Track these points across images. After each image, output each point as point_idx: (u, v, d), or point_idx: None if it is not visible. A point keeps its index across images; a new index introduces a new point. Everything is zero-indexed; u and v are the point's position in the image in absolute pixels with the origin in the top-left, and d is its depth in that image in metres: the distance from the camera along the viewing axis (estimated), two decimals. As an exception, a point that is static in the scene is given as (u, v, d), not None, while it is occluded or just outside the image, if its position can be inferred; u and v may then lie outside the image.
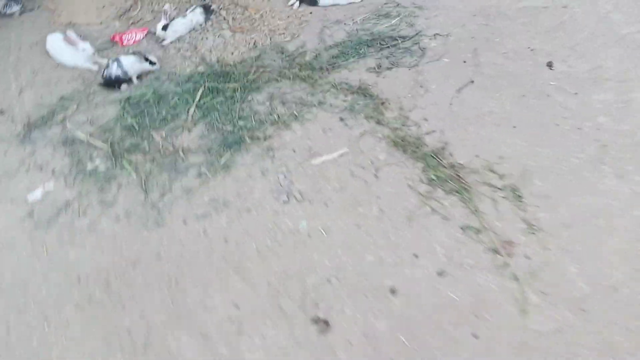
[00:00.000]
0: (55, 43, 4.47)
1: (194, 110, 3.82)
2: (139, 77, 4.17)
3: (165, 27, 4.42)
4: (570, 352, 2.38)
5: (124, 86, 4.10)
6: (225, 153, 3.47)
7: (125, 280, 2.85)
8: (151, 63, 4.16)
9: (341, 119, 3.62)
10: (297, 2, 4.74)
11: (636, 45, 3.78)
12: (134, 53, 4.12)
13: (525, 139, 3.26)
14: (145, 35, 4.60)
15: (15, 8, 5.02)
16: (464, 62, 3.94)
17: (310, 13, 4.67)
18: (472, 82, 3.73)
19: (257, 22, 4.65)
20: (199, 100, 3.88)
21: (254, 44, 4.43)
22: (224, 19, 4.73)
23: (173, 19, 4.47)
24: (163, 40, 4.50)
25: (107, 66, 4.07)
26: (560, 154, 3.15)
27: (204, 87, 3.97)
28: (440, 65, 3.94)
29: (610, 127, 3.26)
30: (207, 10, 4.75)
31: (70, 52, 4.33)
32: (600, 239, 2.72)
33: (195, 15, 4.65)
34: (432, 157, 3.23)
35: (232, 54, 4.37)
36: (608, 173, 3.01)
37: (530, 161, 3.13)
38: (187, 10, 4.70)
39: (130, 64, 4.10)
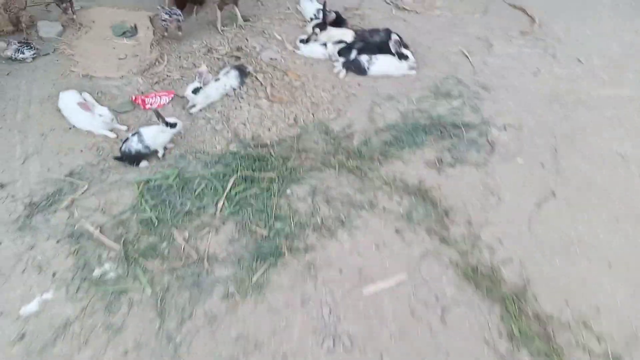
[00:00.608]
0: (69, 103, 3.98)
1: (224, 203, 3.28)
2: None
3: (196, 91, 3.91)
4: None
5: (144, 163, 3.59)
6: (258, 267, 2.92)
7: None
8: (171, 126, 3.65)
9: (397, 231, 3.07)
10: (344, 70, 4.21)
11: None
12: (158, 116, 3.58)
13: (627, 285, 2.68)
14: (172, 99, 4.09)
15: (28, 54, 4.54)
16: (542, 165, 3.38)
17: (359, 85, 4.15)
18: (554, 194, 3.16)
19: (298, 91, 4.13)
20: (230, 190, 3.34)
21: (295, 119, 3.90)
22: (261, 84, 4.21)
23: (207, 82, 3.95)
24: (192, 106, 3.99)
25: (127, 139, 3.56)
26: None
27: (237, 173, 3.43)
28: (514, 168, 3.39)
29: None
30: (243, 72, 4.23)
31: (85, 115, 3.82)
32: None
33: (230, 79, 4.15)
34: (512, 300, 2.65)
35: (269, 130, 3.85)
36: None
37: (637, 320, 2.54)
38: (220, 72, 4.18)
39: (153, 137, 3.60)
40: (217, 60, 4.51)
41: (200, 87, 3.94)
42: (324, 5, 4.64)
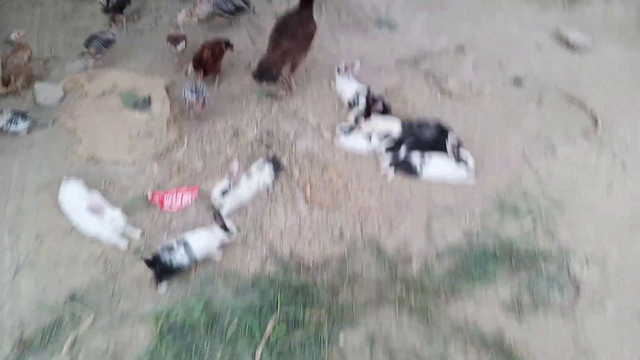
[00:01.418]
0: (72, 198, 3.40)
1: (262, 354, 2.70)
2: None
3: (225, 193, 3.34)
4: None
5: (164, 286, 2.99)
6: None
7: None
8: (227, 231, 3.12)
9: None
10: (392, 171, 3.71)
11: None
12: (216, 217, 3.08)
13: None
14: (195, 198, 3.51)
15: (22, 126, 3.93)
16: (638, 314, 2.90)
17: (410, 190, 3.66)
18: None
19: (341, 193, 3.62)
20: (269, 335, 2.77)
21: (340, 231, 3.37)
22: (297, 183, 3.67)
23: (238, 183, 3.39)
24: (219, 209, 3.43)
25: (170, 247, 2.99)
26: None
27: (276, 310, 2.86)
28: (605, 317, 2.90)
29: None
30: (277, 166, 3.71)
31: (92, 217, 3.22)
32: None
33: (264, 176, 3.61)
34: None
35: (310, 244, 3.33)
36: None
37: None
38: (252, 166, 3.64)
39: (203, 247, 3.08)
40: (244, 147, 3.96)
41: (229, 189, 3.37)
42: (369, 90, 4.15)
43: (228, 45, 4.44)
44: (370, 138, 3.94)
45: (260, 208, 3.53)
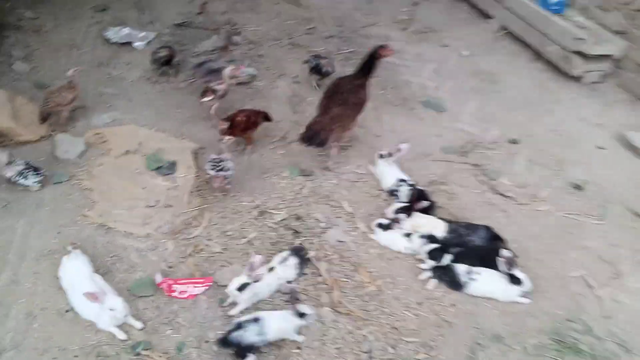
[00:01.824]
0: (73, 276, 3.04)
1: None
2: None
3: (243, 287, 2.93)
4: None
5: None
6: None
7: None
8: (302, 316, 2.90)
9: None
10: (434, 279, 3.28)
11: None
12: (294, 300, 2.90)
13: None
14: (208, 289, 3.12)
15: (31, 181, 3.67)
16: None
17: (453, 307, 3.18)
18: None
19: (373, 302, 3.19)
20: None
21: (369, 352, 2.90)
22: (325, 282, 3.25)
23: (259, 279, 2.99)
24: (231, 304, 3.03)
25: (239, 325, 2.77)
26: None
27: None
28: None
29: None
30: (303, 259, 3.30)
31: (92, 305, 2.84)
32: None
33: (287, 269, 3.21)
34: None
35: (334, 362, 2.84)
36: None
37: None
38: (275, 258, 3.26)
39: (278, 329, 2.85)
40: (269, 231, 3.58)
41: (249, 283, 2.97)
42: (413, 185, 3.77)
43: (267, 118, 4.16)
44: (410, 237, 3.53)
45: (278, 308, 3.11)
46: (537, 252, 3.62)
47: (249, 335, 2.73)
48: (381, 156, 4.02)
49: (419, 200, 3.60)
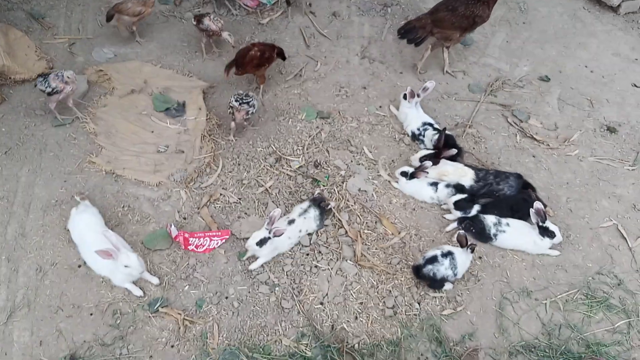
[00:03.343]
0: (83, 230, 2.92)
1: None
2: None
3: (262, 242, 2.82)
4: None
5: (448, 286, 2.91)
6: None
7: None
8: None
9: None
10: (461, 231, 3.14)
11: None
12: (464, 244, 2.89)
13: None
14: (225, 242, 3.02)
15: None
16: None
17: (480, 259, 3.08)
18: None
19: (397, 255, 3.08)
20: None
21: (394, 306, 2.84)
22: (346, 232, 3.14)
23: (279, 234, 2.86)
24: (253, 259, 2.94)
25: (433, 258, 2.86)
26: None
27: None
28: None
29: None
30: (323, 211, 3.16)
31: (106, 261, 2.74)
32: None
33: (307, 222, 3.08)
34: None
35: (357, 319, 2.81)
36: None
37: None
38: (295, 209, 3.12)
39: (463, 264, 2.90)
40: (287, 179, 3.43)
41: (269, 237, 2.85)
42: (441, 130, 3.55)
43: (281, 54, 3.86)
44: (436, 186, 3.38)
45: (300, 262, 3.03)
46: (567, 200, 3.48)
47: (442, 270, 2.82)
48: (405, 97, 3.77)
49: (446, 147, 3.40)
